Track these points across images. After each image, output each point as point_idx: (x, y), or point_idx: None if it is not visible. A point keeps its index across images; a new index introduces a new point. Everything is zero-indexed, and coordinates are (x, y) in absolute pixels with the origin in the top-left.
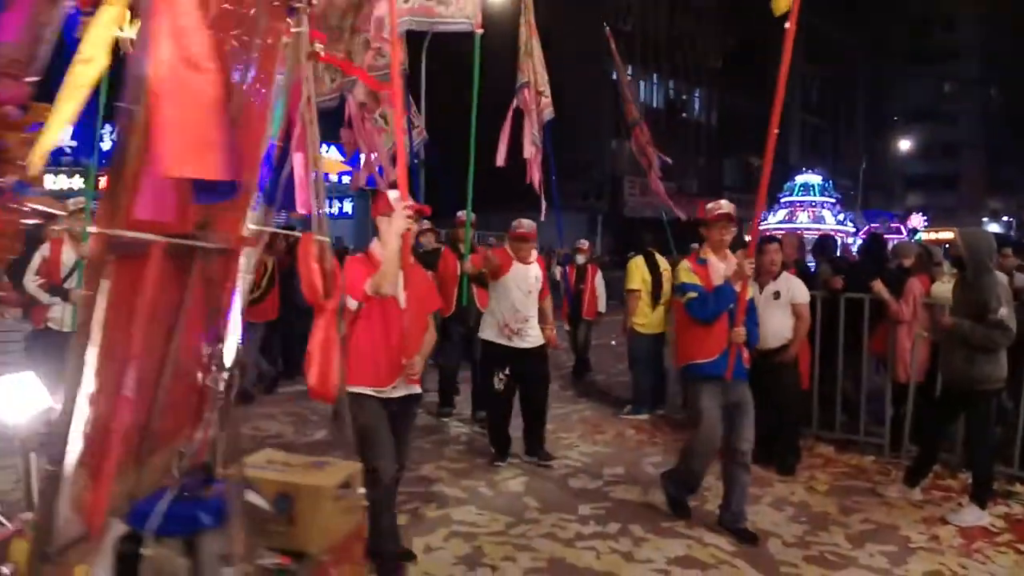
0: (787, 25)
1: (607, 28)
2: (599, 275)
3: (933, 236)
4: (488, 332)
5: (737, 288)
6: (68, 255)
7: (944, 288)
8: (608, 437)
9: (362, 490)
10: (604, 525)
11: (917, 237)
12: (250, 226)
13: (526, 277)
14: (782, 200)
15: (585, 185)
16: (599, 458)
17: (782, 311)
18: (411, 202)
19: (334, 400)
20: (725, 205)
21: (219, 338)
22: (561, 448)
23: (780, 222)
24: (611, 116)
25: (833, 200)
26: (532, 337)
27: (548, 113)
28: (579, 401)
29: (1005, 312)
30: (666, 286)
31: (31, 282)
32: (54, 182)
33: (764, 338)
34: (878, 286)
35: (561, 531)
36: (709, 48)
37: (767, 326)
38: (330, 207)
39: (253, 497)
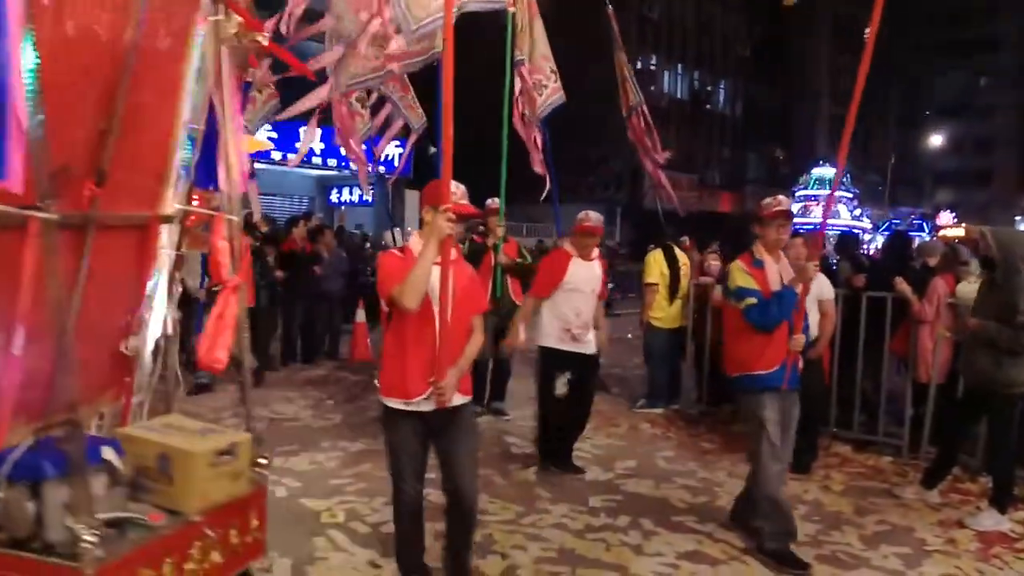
0: (866, 34)
1: (609, 7)
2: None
3: (950, 233)
4: (548, 338)
5: (798, 292)
6: None
7: (970, 288)
8: (622, 430)
9: (257, 460)
10: (615, 518)
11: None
12: (175, 205)
13: (590, 276)
14: (796, 194)
15: (604, 176)
16: (612, 451)
17: (807, 308)
18: (461, 203)
19: (219, 371)
20: (784, 201)
21: (135, 308)
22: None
23: (795, 216)
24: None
25: (850, 195)
26: (591, 342)
27: (557, 98)
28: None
29: None
30: (684, 280)
31: None
32: None
33: None
34: (901, 285)
35: (571, 522)
36: (735, 38)
37: None
38: (350, 194)
39: (109, 454)
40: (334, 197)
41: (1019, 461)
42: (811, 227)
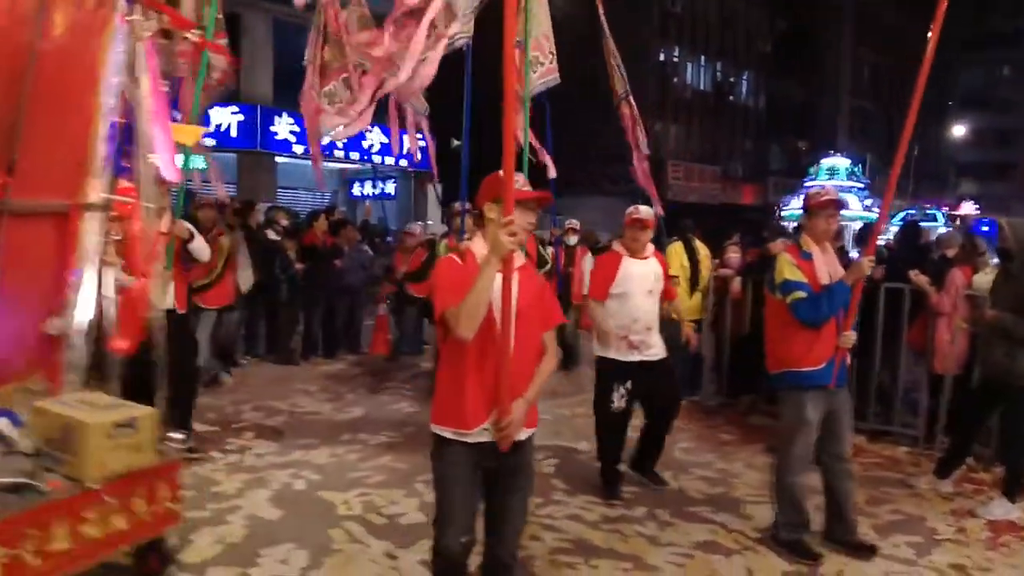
0: (930, 34)
1: None
2: (587, 257)
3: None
4: (603, 349)
5: (850, 286)
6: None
7: (987, 279)
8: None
9: (170, 434)
10: (630, 508)
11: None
12: (99, 194)
13: (644, 276)
14: (806, 184)
15: (627, 168)
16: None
17: None
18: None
19: (131, 351)
20: (831, 190)
21: (57, 292)
22: (592, 431)
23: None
24: (655, 98)
25: (861, 185)
26: (657, 348)
27: (552, 79)
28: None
29: None
30: (704, 272)
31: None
32: None
33: None
34: (918, 278)
35: (587, 513)
36: (758, 31)
37: None
38: (373, 187)
39: (2, 424)
40: (356, 190)
41: None
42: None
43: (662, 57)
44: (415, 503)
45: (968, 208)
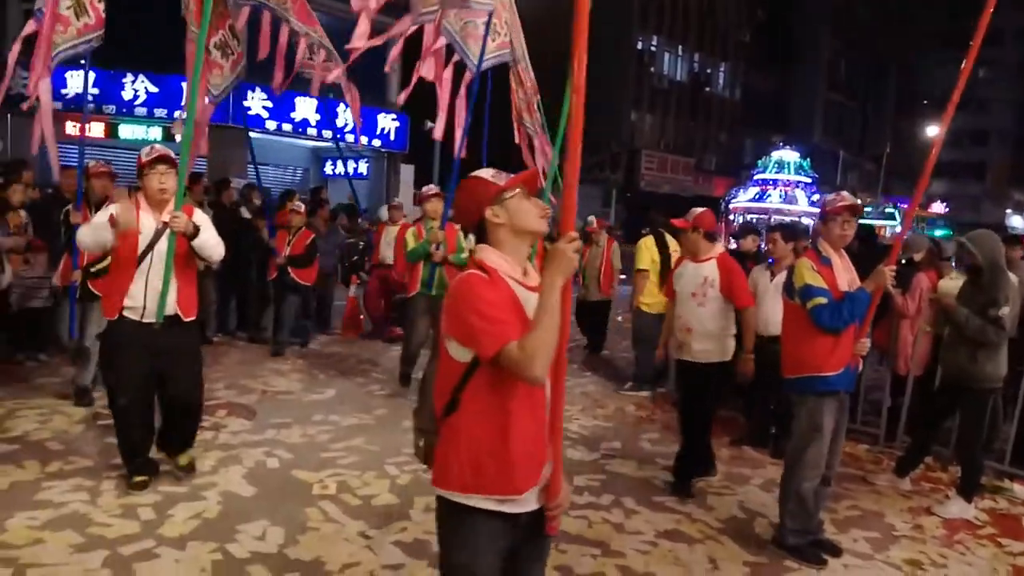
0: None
1: None
2: (615, 247)
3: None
4: (673, 346)
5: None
6: (147, 221)
7: (952, 284)
8: (608, 412)
9: None
10: (598, 496)
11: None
12: None
13: (692, 279)
14: (755, 177)
15: (601, 157)
16: (598, 432)
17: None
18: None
19: None
20: (847, 196)
21: None
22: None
23: (750, 200)
24: (631, 87)
25: (809, 179)
26: (697, 352)
27: (506, 52)
28: (583, 375)
29: (1007, 311)
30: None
31: (82, 232)
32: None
33: (766, 324)
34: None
35: None
36: (737, 21)
37: (773, 314)
38: (344, 167)
39: None
40: (328, 169)
41: (987, 453)
42: (764, 212)
43: (640, 46)
44: (386, 484)
45: (938, 208)
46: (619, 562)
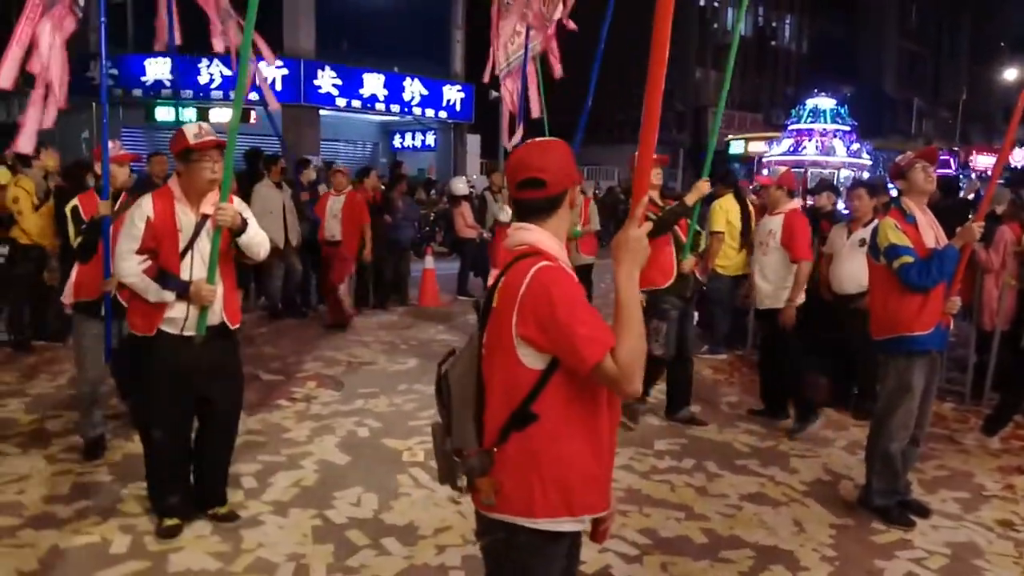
0: None
1: None
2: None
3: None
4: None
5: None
6: (184, 216)
7: None
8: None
9: None
10: (680, 460)
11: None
12: None
13: (764, 231)
14: (789, 127)
15: (666, 116)
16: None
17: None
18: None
19: None
20: (918, 148)
21: None
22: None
23: (784, 153)
24: (696, 43)
25: (848, 128)
26: (762, 298)
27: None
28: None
29: None
30: (754, 226)
31: (131, 264)
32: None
33: (841, 283)
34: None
35: (638, 464)
36: None
37: (847, 271)
38: (412, 139)
39: None
40: (397, 142)
41: None
42: (800, 165)
43: (703, 2)
44: None
45: (1020, 155)
46: (704, 525)
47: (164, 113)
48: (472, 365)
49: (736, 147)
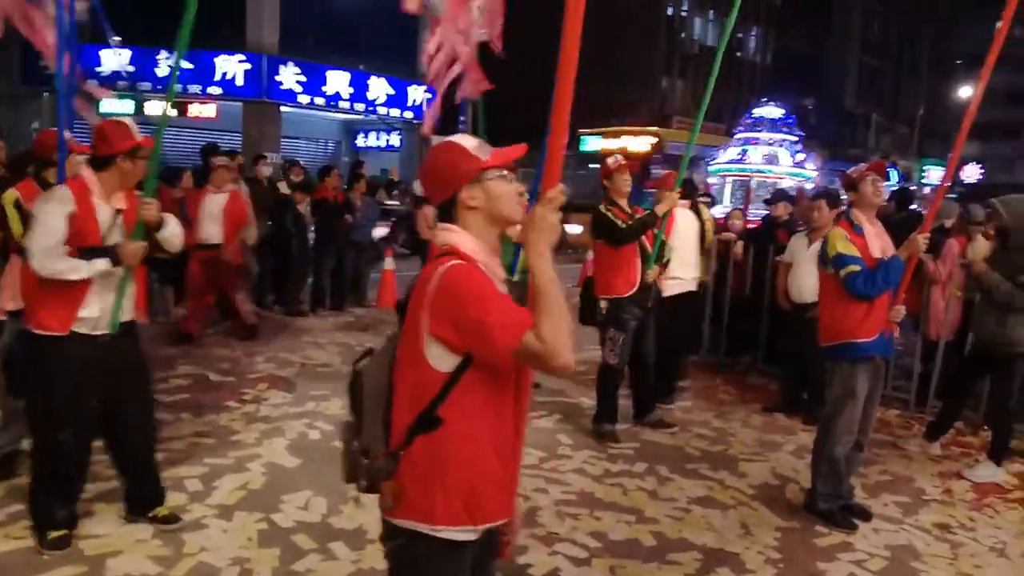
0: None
1: None
2: None
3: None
4: None
5: (905, 262)
6: (102, 209)
7: (982, 245)
8: None
9: None
10: (632, 464)
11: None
12: None
13: None
14: (735, 136)
15: (633, 124)
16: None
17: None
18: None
19: None
20: (871, 160)
21: None
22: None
23: (731, 161)
24: (662, 52)
25: (794, 138)
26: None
27: None
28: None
29: None
30: (709, 236)
31: (49, 252)
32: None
33: (801, 292)
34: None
35: (591, 467)
36: None
37: (808, 281)
38: (377, 139)
39: None
40: (360, 141)
41: (1017, 417)
42: (746, 170)
43: (670, 12)
44: None
45: (971, 170)
46: (653, 528)
47: (120, 106)
48: (386, 365)
49: (591, 144)
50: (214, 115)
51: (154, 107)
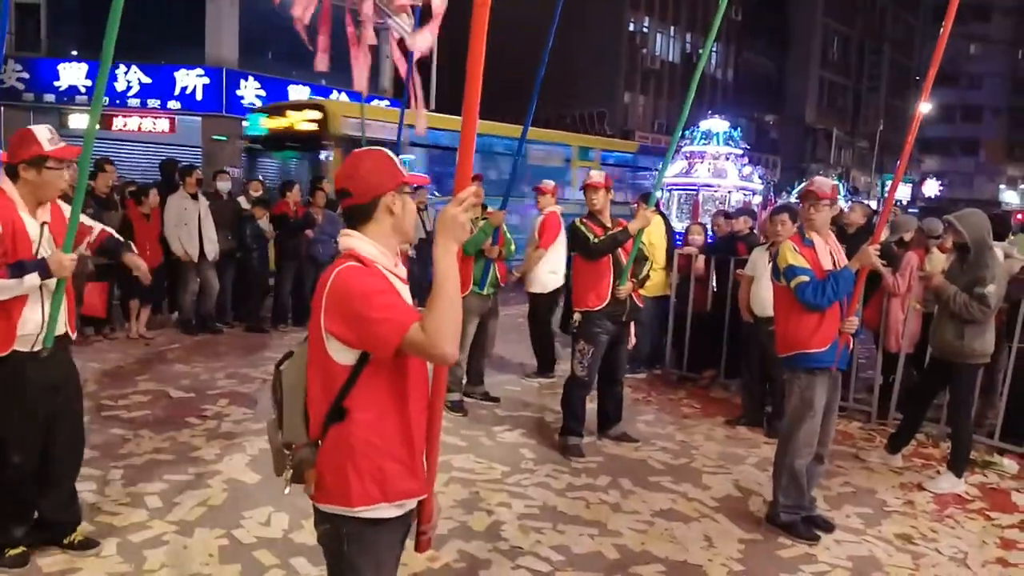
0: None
1: None
2: None
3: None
4: None
5: (855, 273)
6: (30, 222)
7: (939, 257)
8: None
9: None
10: (595, 477)
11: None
12: None
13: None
14: (682, 150)
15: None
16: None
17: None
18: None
19: None
20: (818, 182)
21: None
22: (558, 404)
23: (676, 175)
24: (625, 68)
25: (740, 152)
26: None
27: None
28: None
29: (992, 290)
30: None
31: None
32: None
33: (763, 305)
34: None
35: (554, 481)
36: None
37: (769, 294)
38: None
39: None
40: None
41: (978, 428)
42: (693, 188)
43: (632, 27)
44: None
45: (931, 185)
46: (616, 541)
47: (79, 121)
48: (303, 362)
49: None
50: (168, 128)
51: (118, 121)
